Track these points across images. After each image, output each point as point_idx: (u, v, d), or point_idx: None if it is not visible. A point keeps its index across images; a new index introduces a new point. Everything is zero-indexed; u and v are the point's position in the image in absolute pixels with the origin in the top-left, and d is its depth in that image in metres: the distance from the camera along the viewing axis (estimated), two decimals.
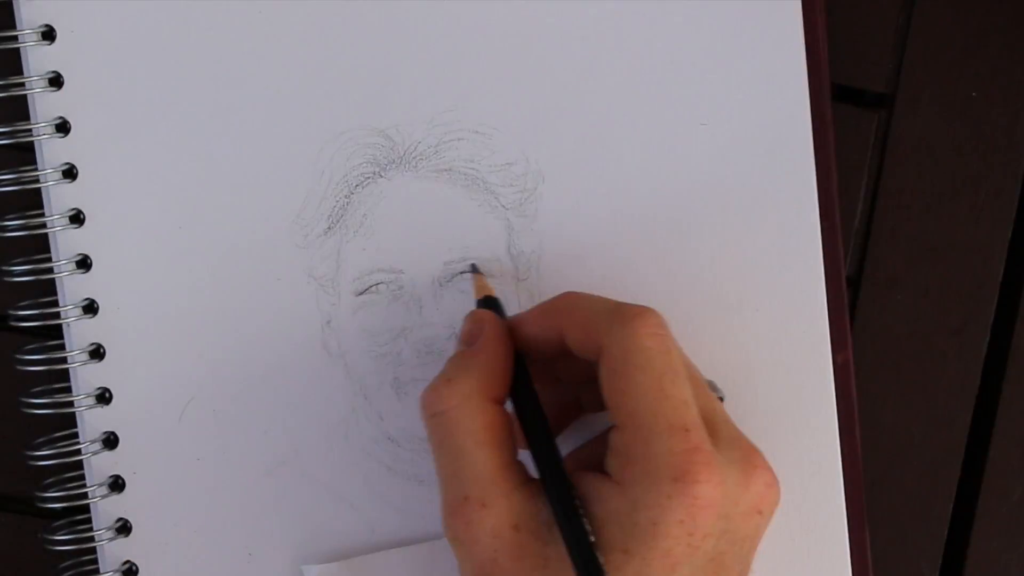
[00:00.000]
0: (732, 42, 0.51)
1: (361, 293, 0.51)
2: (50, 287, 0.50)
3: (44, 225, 0.50)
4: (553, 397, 0.47)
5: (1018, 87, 0.53)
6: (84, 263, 0.50)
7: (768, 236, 0.52)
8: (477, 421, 0.43)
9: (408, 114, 0.51)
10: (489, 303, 0.48)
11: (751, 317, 0.52)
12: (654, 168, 0.51)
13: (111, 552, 0.51)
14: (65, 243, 0.50)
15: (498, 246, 0.51)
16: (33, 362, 0.50)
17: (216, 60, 0.50)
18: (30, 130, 0.50)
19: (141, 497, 0.51)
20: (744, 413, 0.52)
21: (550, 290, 0.51)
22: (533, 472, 0.44)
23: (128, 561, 0.51)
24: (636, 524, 0.41)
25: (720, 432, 0.44)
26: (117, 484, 0.50)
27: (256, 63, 0.50)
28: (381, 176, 0.51)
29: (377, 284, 0.51)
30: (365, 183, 0.51)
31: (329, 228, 0.51)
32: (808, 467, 0.52)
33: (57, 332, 0.51)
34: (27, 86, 0.50)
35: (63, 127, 0.50)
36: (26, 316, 0.50)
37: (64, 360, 0.50)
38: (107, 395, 0.50)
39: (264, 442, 0.51)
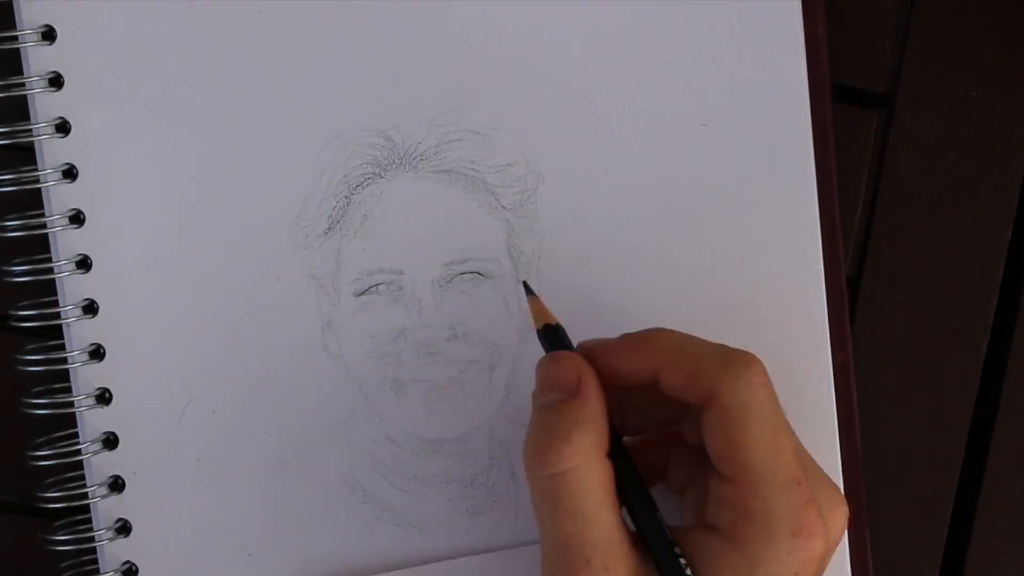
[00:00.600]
0: (732, 42, 0.51)
1: (361, 294, 0.51)
2: (50, 287, 0.50)
3: (44, 225, 0.50)
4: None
5: (1018, 87, 0.53)
6: (84, 263, 0.50)
7: (768, 236, 0.52)
8: (598, 480, 0.42)
9: (408, 115, 0.51)
10: (553, 335, 0.46)
11: (751, 317, 0.52)
12: (654, 168, 0.51)
13: (111, 552, 0.51)
14: (65, 243, 0.50)
15: (498, 247, 0.51)
16: (33, 362, 0.50)
17: (216, 60, 0.50)
18: (30, 130, 0.50)
19: (141, 497, 0.51)
20: None
21: (550, 290, 0.50)
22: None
23: (128, 561, 0.51)
24: None
25: (809, 471, 0.44)
26: (117, 484, 0.50)
27: (256, 63, 0.50)
28: (381, 177, 0.51)
29: (377, 285, 0.51)
30: (365, 184, 0.51)
31: (329, 229, 0.51)
32: None
33: (57, 332, 0.51)
34: (27, 86, 0.50)
35: (63, 127, 0.50)
36: (26, 316, 0.50)
37: (64, 360, 0.50)
38: (107, 395, 0.50)
39: (264, 443, 0.51)
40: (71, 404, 0.50)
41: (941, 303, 0.54)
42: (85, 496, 0.50)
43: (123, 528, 0.51)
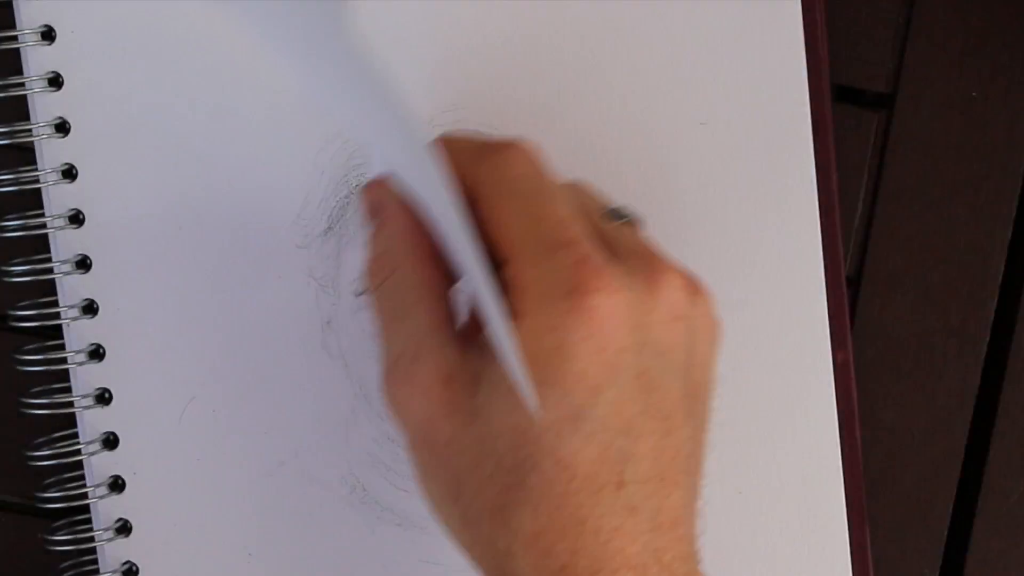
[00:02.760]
0: (732, 42, 0.51)
1: (362, 293, 0.51)
2: (50, 287, 0.50)
3: (44, 225, 0.50)
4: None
5: (1018, 87, 0.53)
6: (84, 263, 0.50)
7: (768, 236, 0.52)
8: (411, 283, 0.41)
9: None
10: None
11: (751, 317, 0.52)
12: (654, 167, 0.51)
13: (111, 552, 0.51)
14: (65, 243, 0.50)
15: None
16: (33, 362, 0.50)
17: (216, 60, 0.50)
18: (30, 130, 0.50)
19: (141, 497, 0.51)
20: (744, 413, 0.52)
21: None
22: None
23: (128, 561, 0.51)
24: (543, 351, 0.38)
25: (619, 244, 0.41)
26: (117, 484, 0.50)
27: (256, 63, 0.50)
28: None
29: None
30: (366, 183, 0.51)
31: (329, 228, 0.51)
32: (808, 467, 0.52)
33: (57, 332, 0.51)
34: (27, 86, 0.50)
35: (63, 127, 0.50)
36: (26, 316, 0.50)
37: (64, 360, 0.50)
38: (107, 395, 0.50)
39: (264, 442, 0.51)
40: (71, 404, 0.50)
41: (941, 303, 0.54)
42: (85, 496, 0.50)
43: (123, 528, 0.51)
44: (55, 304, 0.50)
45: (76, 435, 0.51)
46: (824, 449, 0.52)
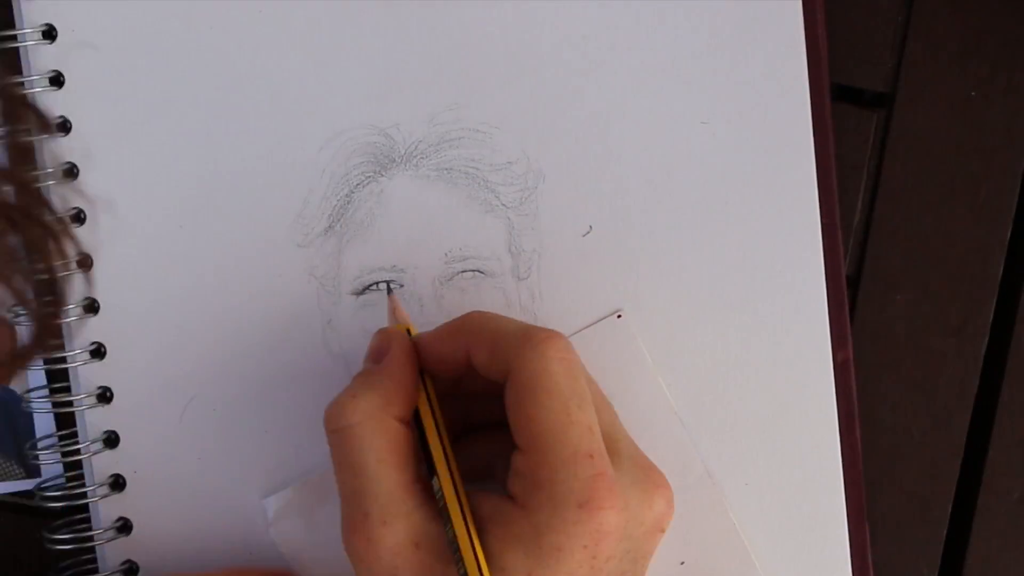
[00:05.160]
0: (733, 41, 0.51)
1: (362, 292, 0.51)
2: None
3: None
4: (456, 413, 0.47)
5: (1017, 87, 0.53)
6: (85, 263, 0.50)
7: (768, 235, 0.52)
8: (380, 439, 0.43)
9: (409, 113, 0.51)
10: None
11: (751, 316, 0.52)
12: (654, 167, 0.51)
13: (111, 552, 0.51)
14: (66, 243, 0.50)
15: (499, 245, 0.51)
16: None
17: (217, 59, 0.50)
18: (30, 129, 0.50)
19: (141, 496, 0.51)
20: (744, 412, 0.52)
21: (551, 288, 0.51)
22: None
23: (128, 560, 0.51)
24: (540, 548, 0.41)
25: (622, 452, 0.45)
26: (117, 483, 0.50)
27: (257, 61, 0.50)
28: (382, 175, 0.51)
29: (378, 283, 0.51)
30: (366, 182, 0.51)
31: (330, 227, 0.51)
32: (808, 466, 0.52)
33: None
34: (27, 86, 0.50)
35: (64, 126, 0.50)
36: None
37: (64, 359, 0.50)
38: (108, 394, 0.50)
39: (265, 441, 0.51)
40: (71, 403, 0.50)
41: (941, 303, 0.54)
42: (85, 495, 0.50)
43: (124, 527, 0.51)
44: None
45: (76, 434, 0.51)
46: (825, 449, 0.52)
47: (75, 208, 0.50)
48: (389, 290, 0.50)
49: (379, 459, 0.43)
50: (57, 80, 0.50)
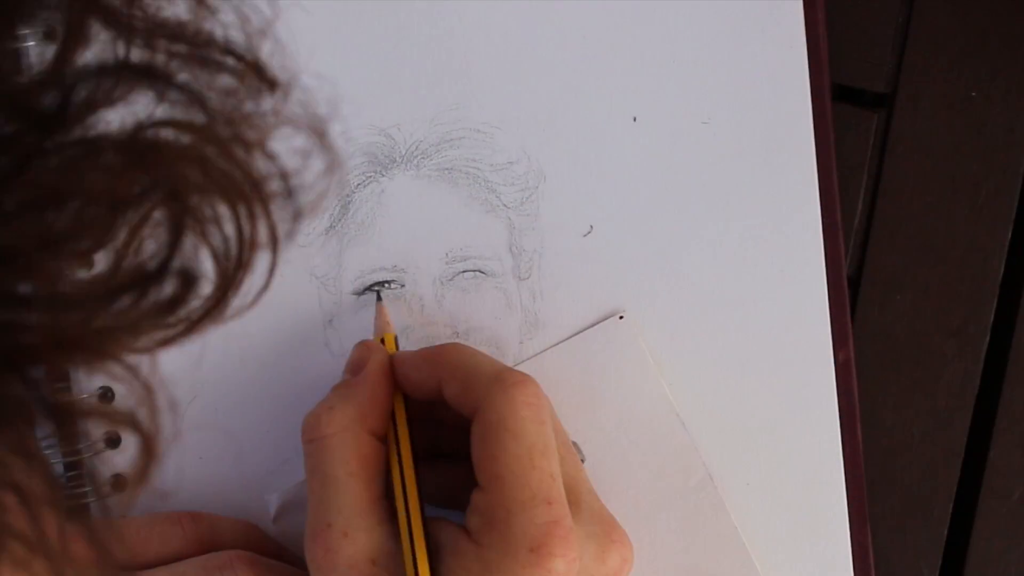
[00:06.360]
0: (733, 41, 0.51)
1: (363, 292, 0.51)
2: None
3: None
4: (426, 437, 0.48)
5: (1018, 87, 0.53)
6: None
7: (769, 235, 0.52)
8: (351, 451, 0.44)
9: (410, 113, 0.51)
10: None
11: (751, 316, 0.52)
12: (655, 167, 0.51)
13: None
14: None
15: (499, 245, 0.51)
16: None
17: None
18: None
19: (142, 497, 0.50)
20: (745, 412, 0.52)
21: (552, 288, 0.51)
22: None
23: None
24: None
25: (582, 503, 0.45)
26: (119, 483, 0.50)
27: None
28: (383, 175, 0.51)
29: (376, 285, 0.51)
30: (367, 182, 0.51)
31: (331, 227, 0.51)
32: (810, 466, 0.52)
33: None
34: None
35: None
36: None
37: None
38: (109, 394, 0.50)
39: (266, 441, 0.51)
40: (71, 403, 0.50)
41: (941, 303, 0.54)
42: (86, 495, 0.50)
43: None
44: None
45: (77, 434, 0.50)
46: (826, 448, 0.52)
47: None
48: (379, 297, 0.50)
49: (349, 472, 0.44)
50: None
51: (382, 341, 0.48)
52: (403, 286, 0.51)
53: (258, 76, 0.28)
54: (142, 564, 0.48)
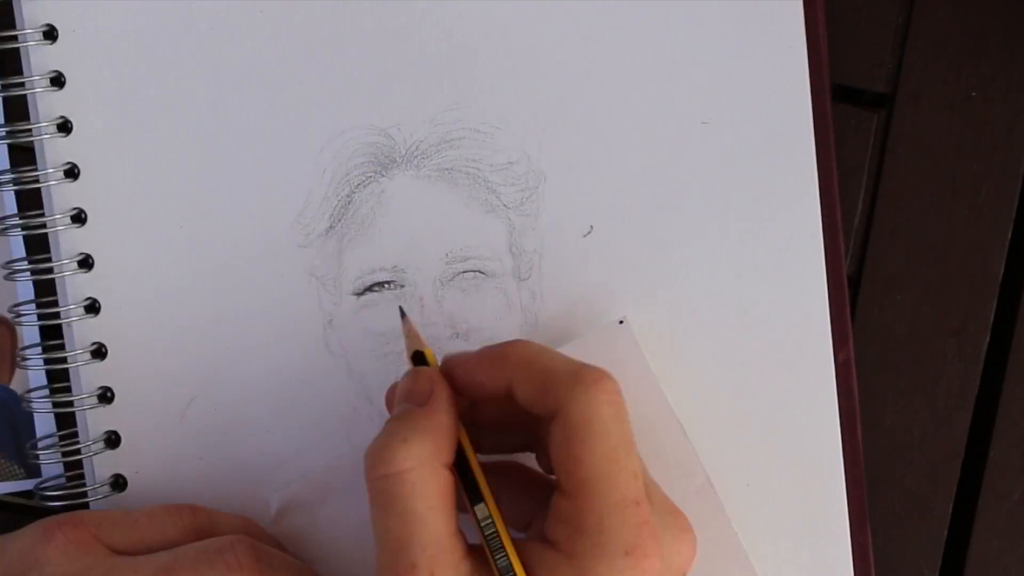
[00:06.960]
0: (733, 41, 0.51)
1: (363, 292, 0.51)
2: (51, 286, 0.50)
3: (45, 225, 0.50)
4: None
5: (1018, 87, 0.53)
6: (86, 262, 0.50)
7: (769, 235, 0.52)
8: (431, 486, 0.42)
9: (410, 113, 0.51)
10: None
11: (752, 316, 0.52)
12: (655, 167, 0.51)
13: None
14: (67, 242, 0.50)
15: (499, 245, 0.51)
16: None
17: (218, 59, 0.50)
18: (30, 130, 0.50)
19: (143, 496, 0.51)
20: (746, 412, 0.52)
21: (552, 289, 0.51)
22: (471, 538, 0.43)
23: None
24: None
25: (654, 496, 0.44)
26: (119, 483, 0.50)
27: (257, 62, 0.50)
28: (382, 175, 0.51)
29: (379, 283, 0.51)
30: (367, 182, 0.51)
31: (331, 227, 0.51)
32: (810, 466, 0.52)
33: (58, 332, 0.51)
34: (28, 86, 0.50)
35: (65, 127, 0.50)
36: (28, 315, 0.50)
37: (65, 360, 0.50)
38: (109, 394, 0.50)
39: (266, 442, 0.51)
40: (72, 403, 0.50)
41: (941, 303, 0.54)
42: (86, 495, 0.50)
43: None
44: (56, 303, 0.50)
45: (76, 434, 0.51)
46: (826, 448, 0.52)
47: (75, 208, 0.50)
48: (403, 313, 0.48)
49: (431, 507, 0.42)
50: (58, 80, 0.50)
51: (413, 358, 0.46)
52: (403, 286, 0.51)
53: None
54: (141, 551, 0.47)
